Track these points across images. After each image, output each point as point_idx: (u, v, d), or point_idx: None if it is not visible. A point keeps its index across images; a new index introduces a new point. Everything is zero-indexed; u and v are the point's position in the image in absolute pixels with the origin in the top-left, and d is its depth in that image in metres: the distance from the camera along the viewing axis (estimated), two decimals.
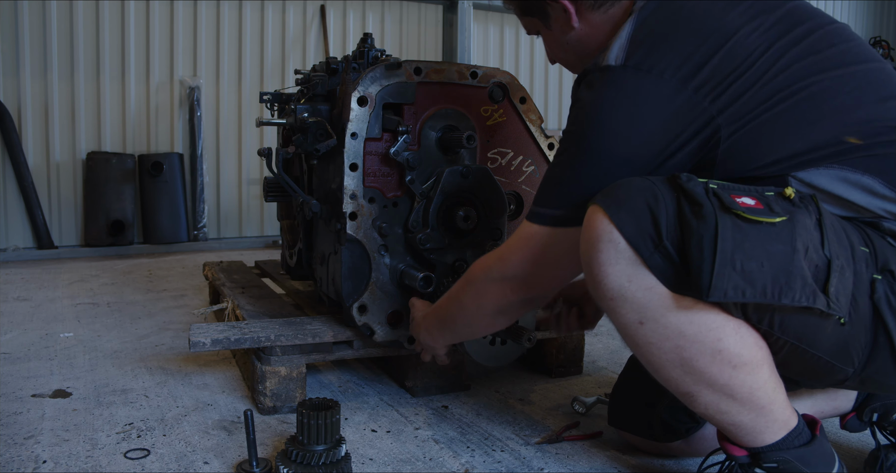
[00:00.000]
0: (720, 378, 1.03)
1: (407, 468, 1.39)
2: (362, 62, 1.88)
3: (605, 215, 1.01)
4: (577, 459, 1.45)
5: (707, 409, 1.08)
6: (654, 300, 1.01)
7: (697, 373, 1.04)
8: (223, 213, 4.95)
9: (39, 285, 3.31)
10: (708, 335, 1.01)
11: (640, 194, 1.01)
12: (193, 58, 4.78)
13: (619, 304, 1.04)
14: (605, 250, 1.01)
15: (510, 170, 1.78)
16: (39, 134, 4.38)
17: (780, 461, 1.08)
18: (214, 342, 1.62)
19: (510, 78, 1.74)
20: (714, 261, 0.95)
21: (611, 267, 1.01)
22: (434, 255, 1.64)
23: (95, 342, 2.28)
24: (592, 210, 1.04)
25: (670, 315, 1.01)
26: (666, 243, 0.99)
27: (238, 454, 1.44)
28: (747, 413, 1.06)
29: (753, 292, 0.96)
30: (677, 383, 1.07)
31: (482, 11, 5.87)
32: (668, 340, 1.03)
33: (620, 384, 1.52)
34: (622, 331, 1.09)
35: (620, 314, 1.05)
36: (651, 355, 1.07)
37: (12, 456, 1.40)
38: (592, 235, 1.03)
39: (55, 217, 4.44)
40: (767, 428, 1.08)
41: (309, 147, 1.69)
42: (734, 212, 0.97)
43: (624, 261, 1.01)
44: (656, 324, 1.03)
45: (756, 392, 1.05)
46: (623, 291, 1.02)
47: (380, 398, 1.80)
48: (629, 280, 1.01)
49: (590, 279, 1.06)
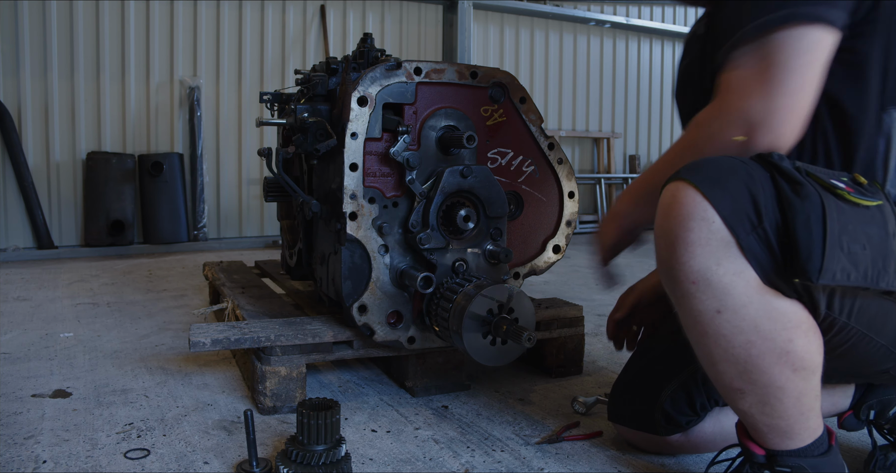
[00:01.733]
0: (777, 380, 1.01)
1: (407, 468, 1.39)
2: (362, 62, 1.88)
3: (697, 191, 0.94)
4: (577, 459, 1.45)
5: (750, 407, 1.05)
6: (739, 286, 0.96)
7: (757, 372, 1.01)
8: (223, 213, 4.95)
9: (39, 285, 3.32)
10: (782, 333, 0.98)
11: (734, 172, 0.95)
12: (193, 58, 4.78)
13: (701, 288, 0.97)
14: (697, 229, 0.94)
15: (510, 170, 1.78)
16: (39, 134, 4.38)
17: (794, 467, 1.07)
18: (214, 342, 1.62)
19: (510, 78, 1.74)
20: (824, 242, 0.90)
21: (700, 248, 0.95)
22: (434, 255, 1.65)
23: (95, 342, 2.28)
24: (680, 185, 0.97)
25: (751, 307, 0.97)
26: (766, 225, 0.93)
27: (238, 454, 1.44)
28: (787, 418, 1.05)
29: (857, 276, 0.93)
30: (730, 378, 1.03)
31: (482, 11, 5.87)
32: (741, 334, 0.98)
33: (622, 380, 1.51)
34: (694, 319, 1.02)
35: (699, 299, 0.98)
36: (716, 347, 1.02)
37: (12, 456, 1.40)
38: (682, 211, 0.95)
39: (55, 217, 4.44)
40: (798, 434, 1.07)
41: (309, 147, 1.69)
42: (836, 192, 0.94)
43: (716, 242, 0.94)
44: (734, 315, 0.97)
45: (803, 398, 1.03)
46: (708, 274, 0.95)
47: (380, 398, 1.80)
48: (718, 263, 0.95)
49: (670, 260, 0.99)
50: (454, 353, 1.82)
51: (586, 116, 6.60)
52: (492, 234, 1.70)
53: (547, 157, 1.81)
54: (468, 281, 1.57)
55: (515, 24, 6.09)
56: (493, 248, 1.69)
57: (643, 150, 7.06)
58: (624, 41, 6.79)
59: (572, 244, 5.20)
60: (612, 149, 6.67)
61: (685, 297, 1.00)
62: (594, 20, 6.39)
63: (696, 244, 0.95)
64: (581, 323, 1.98)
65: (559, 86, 6.42)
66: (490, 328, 1.49)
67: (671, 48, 7.11)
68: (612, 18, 6.43)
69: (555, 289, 3.38)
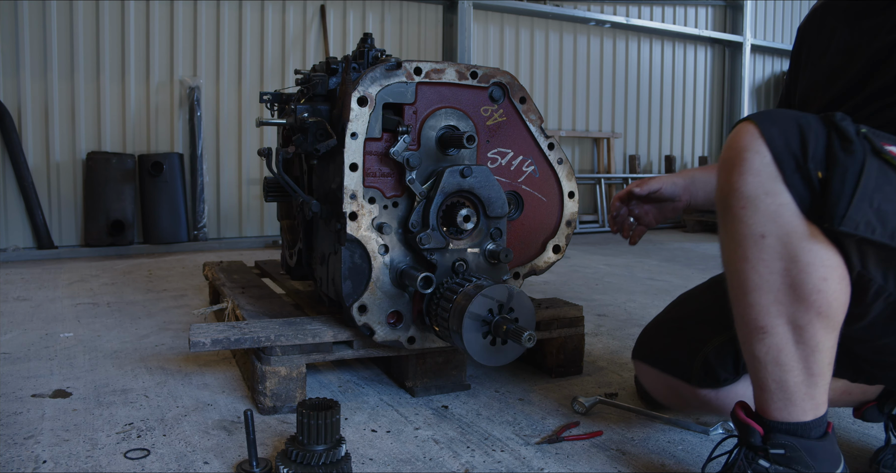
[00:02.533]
0: (802, 318, 1.05)
1: (407, 468, 1.39)
2: (362, 62, 1.88)
3: (756, 128, 1.03)
4: (577, 459, 1.45)
5: (767, 354, 1.08)
6: (784, 216, 1.02)
7: (785, 304, 1.05)
8: (223, 213, 4.95)
9: (39, 285, 3.32)
10: (818, 269, 1.03)
11: (794, 119, 1.04)
12: (193, 58, 4.78)
13: (749, 213, 1.04)
14: (750, 159, 1.03)
15: (510, 170, 1.78)
16: (39, 134, 4.38)
17: (788, 447, 1.09)
18: (214, 342, 1.62)
19: (510, 78, 1.74)
20: (854, 194, 0.97)
21: (752, 176, 1.03)
22: (434, 255, 1.65)
23: (95, 342, 2.28)
24: (744, 123, 1.06)
25: (794, 236, 1.02)
26: (810, 166, 1.01)
27: (238, 454, 1.44)
28: (797, 374, 1.07)
29: (882, 233, 0.99)
30: (758, 311, 1.07)
31: (482, 11, 5.87)
32: (780, 259, 1.04)
33: (662, 319, 1.52)
34: (737, 243, 1.07)
35: (746, 223, 1.05)
36: (754, 272, 1.06)
37: (12, 456, 1.40)
38: (740, 144, 1.04)
39: (55, 217, 4.44)
40: (801, 403, 1.09)
41: (309, 147, 1.69)
42: (883, 156, 1.00)
43: (765, 173, 1.02)
44: (776, 240, 1.03)
45: (817, 354, 1.06)
46: (757, 200, 1.03)
47: (380, 398, 1.80)
48: (766, 193, 1.02)
49: (725, 186, 1.07)
50: (454, 353, 1.82)
51: (586, 116, 6.60)
52: (492, 234, 1.70)
53: (547, 157, 1.81)
54: (468, 281, 1.57)
55: (515, 24, 6.09)
56: (493, 248, 1.69)
57: (643, 150, 7.06)
58: (624, 41, 6.79)
59: (572, 244, 5.20)
60: (612, 149, 6.67)
61: (734, 220, 1.06)
62: (594, 20, 6.39)
63: (748, 173, 1.03)
64: (581, 323, 1.98)
65: (559, 86, 6.42)
66: (490, 328, 1.49)
67: (671, 48, 7.11)
68: (612, 18, 6.43)
69: (555, 289, 3.38)
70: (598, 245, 5.29)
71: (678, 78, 7.22)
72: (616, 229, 1.69)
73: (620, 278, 3.74)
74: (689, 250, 5.06)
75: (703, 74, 7.43)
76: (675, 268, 4.15)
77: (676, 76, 7.20)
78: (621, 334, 2.51)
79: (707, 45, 7.39)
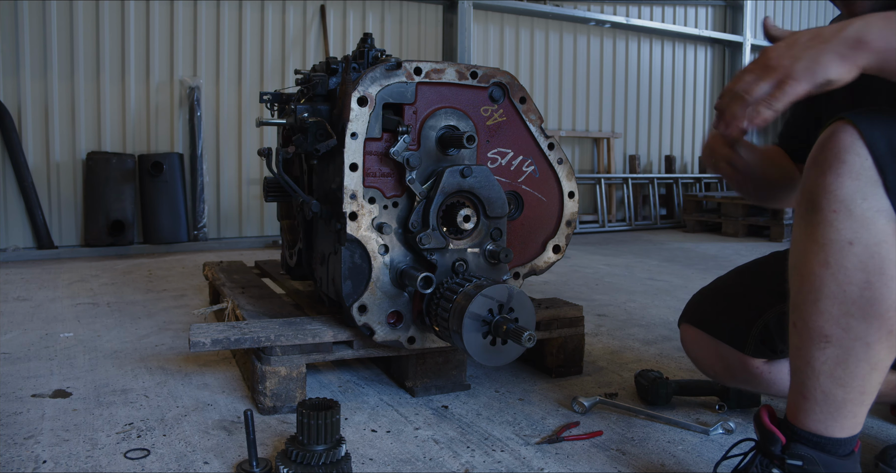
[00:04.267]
0: (872, 335, 1.00)
1: (407, 468, 1.39)
2: (362, 62, 1.88)
3: (855, 128, 0.98)
4: (577, 459, 1.45)
5: (825, 364, 1.03)
6: (879, 224, 0.97)
7: (859, 317, 1.00)
8: (223, 213, 4.95)
9: (39, 285, 3.32)
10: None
11: (894, 121, 0.98)
12: (193, 58, 4.78)
13: (841, 217, 0.98)
14: (850, 161, 0.97)
15: (510, 170, 1.78)
16: (39, 134, 4.38)
17: (807, 460, 1.05)
18: (214, 342, 1.62)
19: (510, 78, 1.74)
20: None
21: (850, 180, 0.97)
22: (434, 255, 1.65)
23: (95, 342, 2.28)
24: (842, 123, 1.00)
25: (884, 246, 0.97)
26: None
27: (238, 454, 1.44)
28: (850, 391, 1.03)
29: None
30: (826, 320, 1.02)
31: (482, 11, 5.87)
32: (863, 271, 0.98)
33: (717, 286, 1.45)
34: (821, 247, 1.02)
35: (835, 228, 0.99)
36: (832, 280, 1.01)
37: (12, 456, 1.40)
38: (838, 145, 0.99)
39: (55, 217, 4.44)
40: (843, 420, 1.05)
41: (309, 147, 1.69)
42: None
43: (865, 177, 0.97)
44: (865, 250, 0.98)
45: (874, 373, 1.02)
46: (852, 205, 0.97)
47: (380, 398, 1.80)
48: (864, 198, 0.97)
49: (816, 187, 1.01)
50: (454, 353, 1.82)
51: (586, 116, 6.60)
52: (492, 234, 1.70)
53: (547, 157, 1.81)
54: (468, 281, 1.56)
55: (515, 24, 6.09)
56: (493, 248, 1.69)
57: (643, 150, 7.06)
58: (624, 41, 6.79)
59: (572, 244, 5.20)
60: (612, 149, 6.67)
61: (821, 224, 1.01)
62: (594, 20, 6.39)
63: (846, 176, 0.98)
64: (581, 323, 1.98)
65: (559, 86, 6.42)
66: (490, 328, 1.49)
67: (671, 48, 7.11)
68: (612, 18, 6.43)
69: (555, 289, 3.38)
70: (598, 245, 5.29)
71: (678, 78, 7.23)
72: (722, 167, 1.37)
73: (620, 278, 3.74)
74: (689, 250, 5.06)
75: (703, 74, 7.43)
76: (675, 268, 4.15)
77: (676, 76, 7.21)
78: (621, 334, 2.51)
79: (707, 45, 7.39)
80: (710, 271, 3.96)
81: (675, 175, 6.98)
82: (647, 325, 2.65)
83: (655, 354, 2.25)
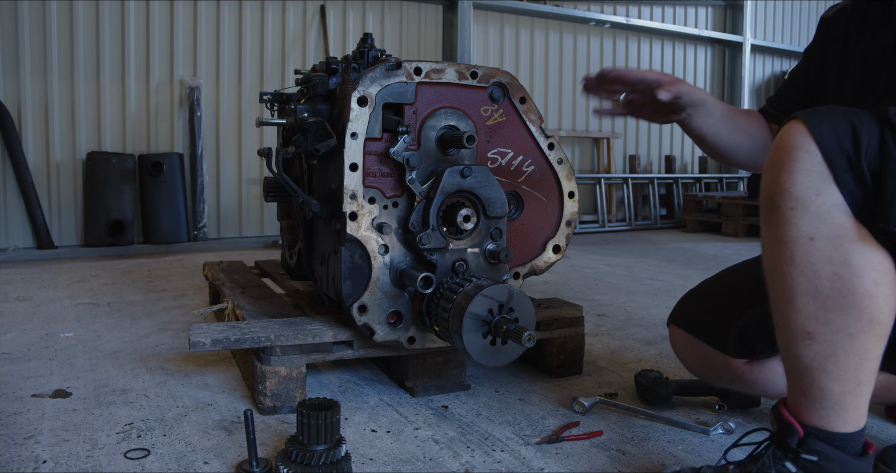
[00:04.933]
0: (852, 326, 1.01)
1: (407, 468, 1.39)
2: (362, 62, 1.88)
3: (805, 127, 1.01)
4: (577, 459, 1.45)
5: (814, 360, 1.04)
6: (836, 217, 0.99)
7: (836, 310, 1.01)
8: (223, 213, 4.95)
9: (39, 285, 3.32)
10: (870, 273, 0.99)
11: (846, 116, 1.01)
12: (193, 58, 4.78)
13: (799, 214, 1.01)
14: (801, 159, 1.00)
15: (510, 170, 1.78)
16: (39, 134, 4.38)
17: (823, 455, 1.05)
18: (214, 342, 1.62)
19: (510, 78, 1.74)
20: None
21: (802, 177, 1.00)
22: (434, 255, 1.65)
23: (95, 342, 2.28)
24: (793, 122, 1.03)
25: (845, 239, 0.99)
26: (863, 165, 0.98)
27: (238, 454, 1.44)
28: (845, 383, 1.03)
29: None
30: (805, 317, 1.03)
31: (482, 11, 5.87)
32: (830, 264, 1.00)
33: (703, 287, 1.46)
34: (784, 246, 1.04)
35: (795, 225, 1.01)
36: (802, 276, 1.02)
37: (12, 456, 1.40)
38: (789, 143, 1.02)
39: (55, 217, 4.44)
40: (845, 413, 1.05)
41: (309, 147, 1.69)
42: None
43: (816, 174, 0.99)
44: (827, 244, 1.00)
45: (865, 363, 1.02)
46: (807, 202, 1.00)
47: (380, 398, 1.80)
48: (817, 193, 0.99)
49: (773, 186, 1.04)
50: (454, 353, 1.82)
51: (586, 116, 6.60)
52: (492, 234, 1.70)
53: (547, 157, 1.81)
54: (468, 281, 1.56)
55: (515, 24, 6.09)
56: (493, 248, 1.69)
57: (643, 150, 7.06)
58: (624, 41, 6.79)
59: (572, 244, 5.20)
60: (612, 149, 6.67)
61: (781, 222, 1.03)
62: (594, 20, 6.39)
63: (798, 173, 1.00)
64: (581, 323, 1.98)
65: (559, 86, 6.42)
66: (490, 328, 1.49)
67: (671, 48, 7.11)
68: (612, 18, 6.43)
69: (555, 289, 3.38)
70: (598, 245, 5.29)
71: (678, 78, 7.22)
72: (593, 89, 1.48)
73: (620, 278, 3.74)
74: (689, 250, 5.06)
75: (703, 74, 7.43)
76: (675, 268, 4.15)
77: (676, 76, 7.20)
78: (621, 334, 2.51)
79: (707, 45, 7.39)
80: (710, 271, 3.95)
81: (675, 175, 6.98)
82: (647, 325, 2.65)
83: (655, 354, 2.25)
